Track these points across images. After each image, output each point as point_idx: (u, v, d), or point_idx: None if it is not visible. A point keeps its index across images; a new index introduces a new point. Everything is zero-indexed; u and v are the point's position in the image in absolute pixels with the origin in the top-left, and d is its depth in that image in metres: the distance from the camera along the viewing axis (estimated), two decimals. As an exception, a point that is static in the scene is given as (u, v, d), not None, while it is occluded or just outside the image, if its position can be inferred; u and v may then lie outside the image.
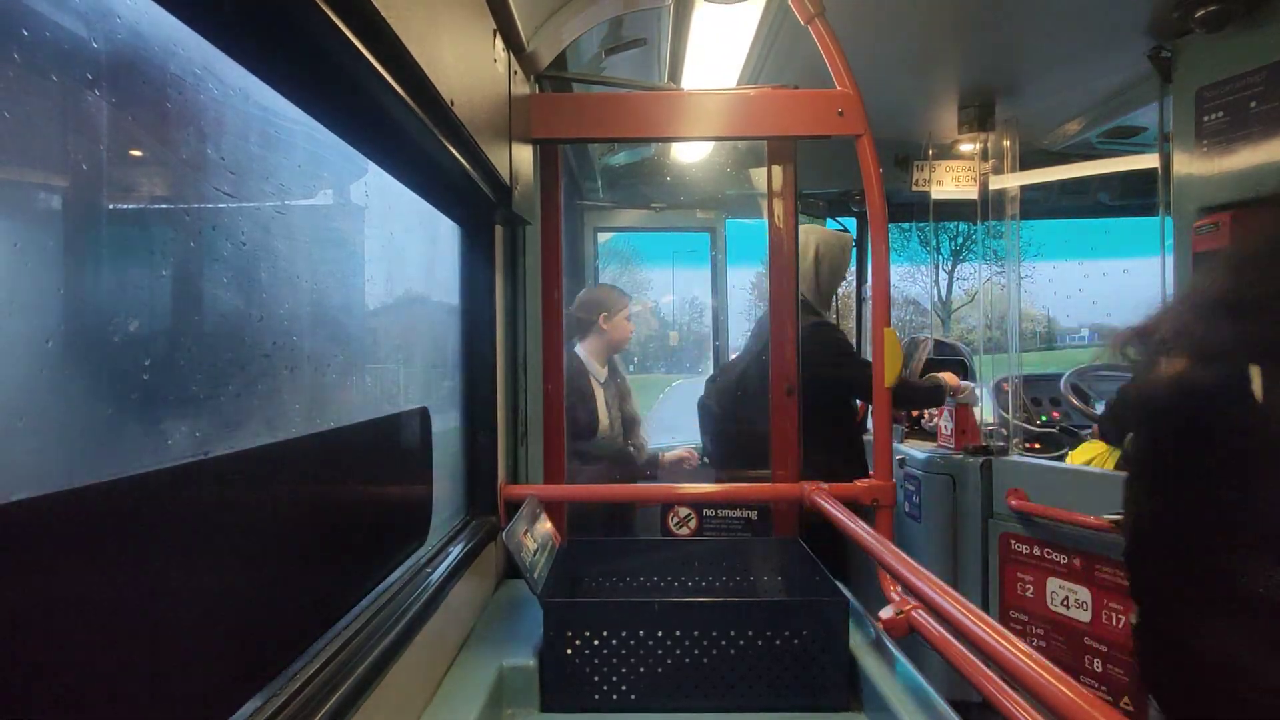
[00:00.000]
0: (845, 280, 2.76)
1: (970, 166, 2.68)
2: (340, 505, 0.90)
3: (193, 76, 0.61)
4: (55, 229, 0.48)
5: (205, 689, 0.59)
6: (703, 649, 1.08)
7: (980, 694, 0.88)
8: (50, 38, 0.46)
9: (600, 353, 2.59)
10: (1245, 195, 1.73)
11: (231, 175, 0.67)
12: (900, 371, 1.50)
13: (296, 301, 0.80)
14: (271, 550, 0.72)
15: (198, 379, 0.62)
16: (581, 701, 1.08)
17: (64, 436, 0.49)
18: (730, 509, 1.78)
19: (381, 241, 1.12)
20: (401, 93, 0.78)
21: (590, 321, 2.58)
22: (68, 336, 0.48)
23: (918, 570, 0.97)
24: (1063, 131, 2.77)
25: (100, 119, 0.51)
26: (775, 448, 1.80)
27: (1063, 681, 0.62)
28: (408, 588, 1.00)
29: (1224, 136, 1.77)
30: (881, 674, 1.06)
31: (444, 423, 1.33)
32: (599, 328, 2.56)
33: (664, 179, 3.34)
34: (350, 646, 0.79)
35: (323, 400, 0.88)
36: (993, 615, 1.32)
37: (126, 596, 0.51)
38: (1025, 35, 2.05)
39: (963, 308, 18.05)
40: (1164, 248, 1.99)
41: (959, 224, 11.48)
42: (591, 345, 2.58)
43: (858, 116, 1.49)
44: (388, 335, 1.14)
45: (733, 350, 3.74)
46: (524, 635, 1.18)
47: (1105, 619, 2.05)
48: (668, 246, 10.56)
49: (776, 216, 1.78)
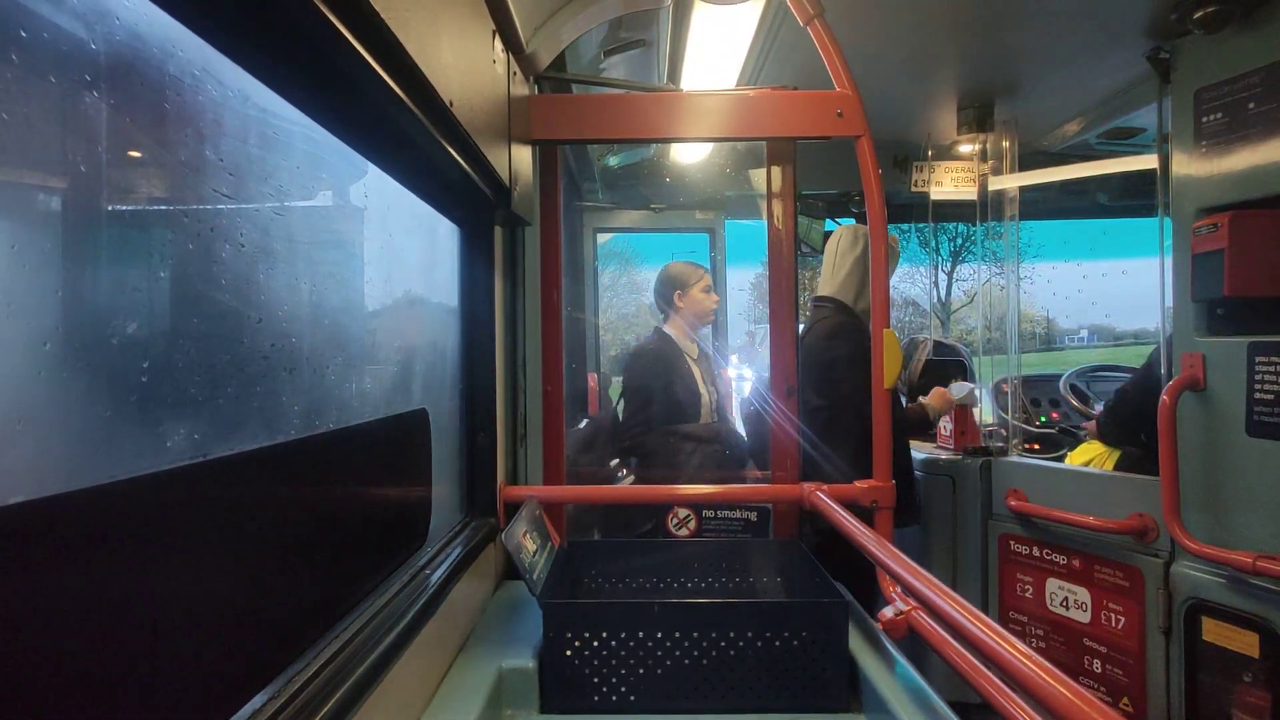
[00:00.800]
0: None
1: (969, 167, 2.68)
2: (340, 506, 0.90)
3: (191, 78, 0.61)
4: (54, 230, 0.48)
5: (207, 688, 0.59)
6: (702, 650, 1.08)
7: (980, 695, 0.88)
8: (49, 39, 0.46)
9: (685, 330, 2.55)
10: (1244, 196, 1.73)
11: (230, 177, 0.67)
12: (899, 373, 1.50)
13: (295, 303, 0.80)
14: (271, 551, 0.72)
15: (196, 381, 0.62)
16: (581, 703, 1.08)
17: (63, 439, 0.48)
18: (730, 510, 1.78)
19: (380, 243, 1.12)
20: (401, 94, 0.78)
21: (668, 300, 2.54)
22: (66, 339, 0.48)
23: (917, 571, 0.97)
24: (1062, 132, 2.78)
25: (99, 120, 0.51)
26: (775, 448, 1.80)
27: (1062, 683, 0.62)
28: (407, 589, 1.00)
29: (1223, 137, 1.77)
30: (881, 675, 1.06)
31: (443, 424, 1.33)
32: (675, 305, 2.53)
33: (663, 180, 3.34)
34: (350, 647, 0.78)
35: (322, 402, 0.88)
36: (992, 616, 1.32)
37: (128, 597, 0.50)
38: (1024, 36, 2.06)
39: (962, 309, 18.05)
40: (1163, 249, 1.99)
41: (958, 225, 11.48)
42: (675, 324, 2.54)
43: (857, 117, 1.49)
44: (387, 336, 1.14)
45: (733, 351, 3.74)
46: (523, 636, 1.18)
47: (1105, 620, 2.05)
48: (667, 247, 10.55)
49: (776, 217, 1.78)
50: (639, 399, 2.45)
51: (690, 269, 2.58)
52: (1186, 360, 1.76)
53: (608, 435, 2.61)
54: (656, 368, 2.45)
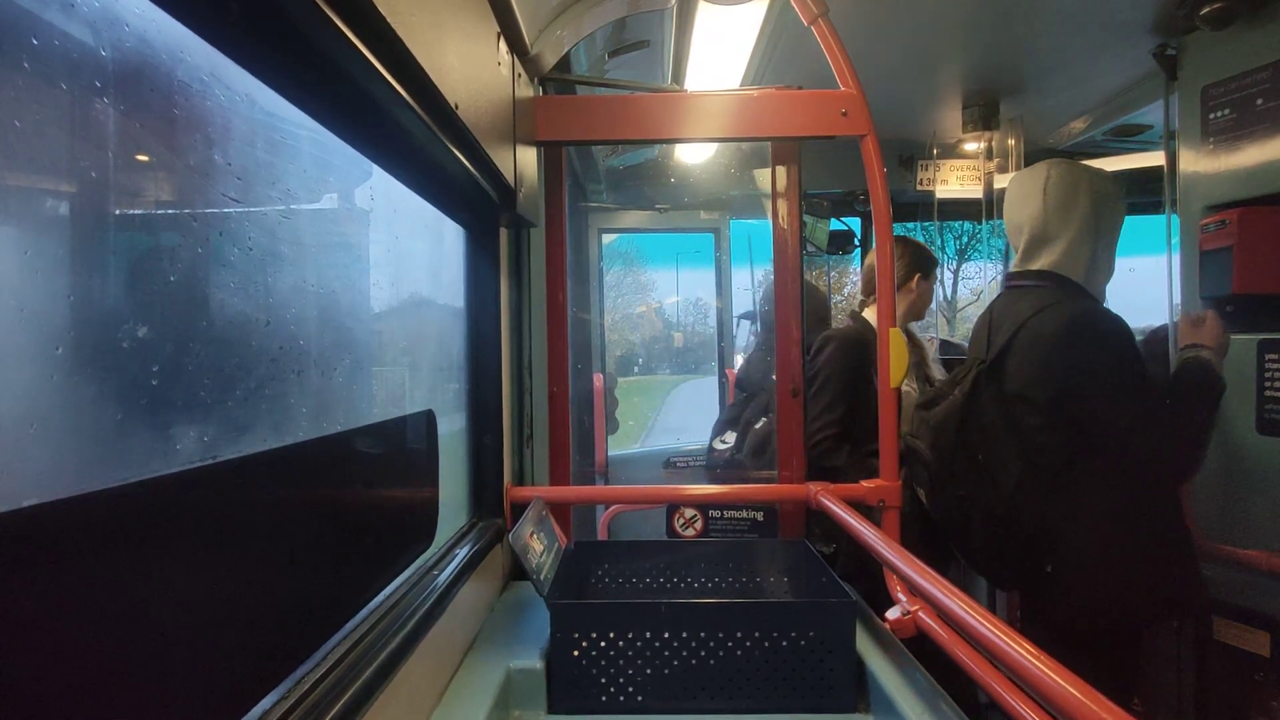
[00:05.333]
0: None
1: (975, 166, 2.67)
2: (347, 508, 0.90)
3: (200, 83, 0.62)
4: (65, 236, 0.49)
5: (218, 689, 0.60)
6: (710, 650, 1.08)
7: (987, 695, 0.87)
8: (60, 46, 0.47)
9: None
10: (1253, 193, 1.72)
11: (238, 181, 0.68)
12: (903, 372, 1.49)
13: (303, 305, 0.81)
14: (279, 553, 0.72)
15: (206, 384, 0.62)
16: (589, 703, 1.08)
17: (75, 442, 0.49)
18: (736, 510, 1.78)
19: (387, 245, 1.12)
20: (407, 97, 0.78)
21: (870, 285, 2.28)
22: (77, 343, 0.48)
23: (924, 571, 0.97)
24: (1068, 130, 2.77)
25: (109, 126, 0.52)
26: (781, 448, 1.79)
27: (1071, 682, 0.62)
28: (414, 590, 1.00)
29: (1230, 134, 1.76)
30: (889, 675, 1.06)
31: (450, 425, 1.33)
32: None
33: (668, 180, 3.34)
34: (359, 649, 0.79)
35: (330, 403, 0.88)
36: (1000, 616, 1.30)
37: (140, 599, 0.51)
38: (1029, 34, 2.05)
39: (968, 307, 17.97)
40: (1170, 246, 1.98)
41: (964, 223, 11.45)
42: (874, 312, 2.20)
43: (861, 117, 1.49)
44: (393, 338, 1.14)
45: (736, 351, 3.74)
46: (531, 637, 1.19)
47: (1114, 619, 2.03)
48: (672, 248, 10.55)
49: (781, 217, 1.78)
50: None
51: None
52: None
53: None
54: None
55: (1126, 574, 1.54)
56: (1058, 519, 1.57)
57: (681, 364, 10.72)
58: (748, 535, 1.77)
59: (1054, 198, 1.67)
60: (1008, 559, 1.68)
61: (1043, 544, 1.59)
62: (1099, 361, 1.56)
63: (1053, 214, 1.67)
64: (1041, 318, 1.62)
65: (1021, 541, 1.62)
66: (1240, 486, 1.73)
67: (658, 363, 10.73)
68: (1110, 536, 1.55)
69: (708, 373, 5.02)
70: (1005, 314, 1.72)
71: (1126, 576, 1.54)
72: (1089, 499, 1.56)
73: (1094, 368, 1.56)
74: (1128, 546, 1.54)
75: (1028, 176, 1.74)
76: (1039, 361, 1.61)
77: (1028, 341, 1.63)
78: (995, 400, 1.68)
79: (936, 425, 1.77)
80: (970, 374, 1.74)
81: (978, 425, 1.70)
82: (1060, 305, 1.62)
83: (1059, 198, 1.67)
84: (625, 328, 9.50)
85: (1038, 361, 1.61)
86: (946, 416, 1.74)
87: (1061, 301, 1.63)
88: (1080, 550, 1.56)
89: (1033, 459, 1.61)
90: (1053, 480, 1.59)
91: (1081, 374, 1.56)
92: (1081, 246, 1.66)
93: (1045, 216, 1.68)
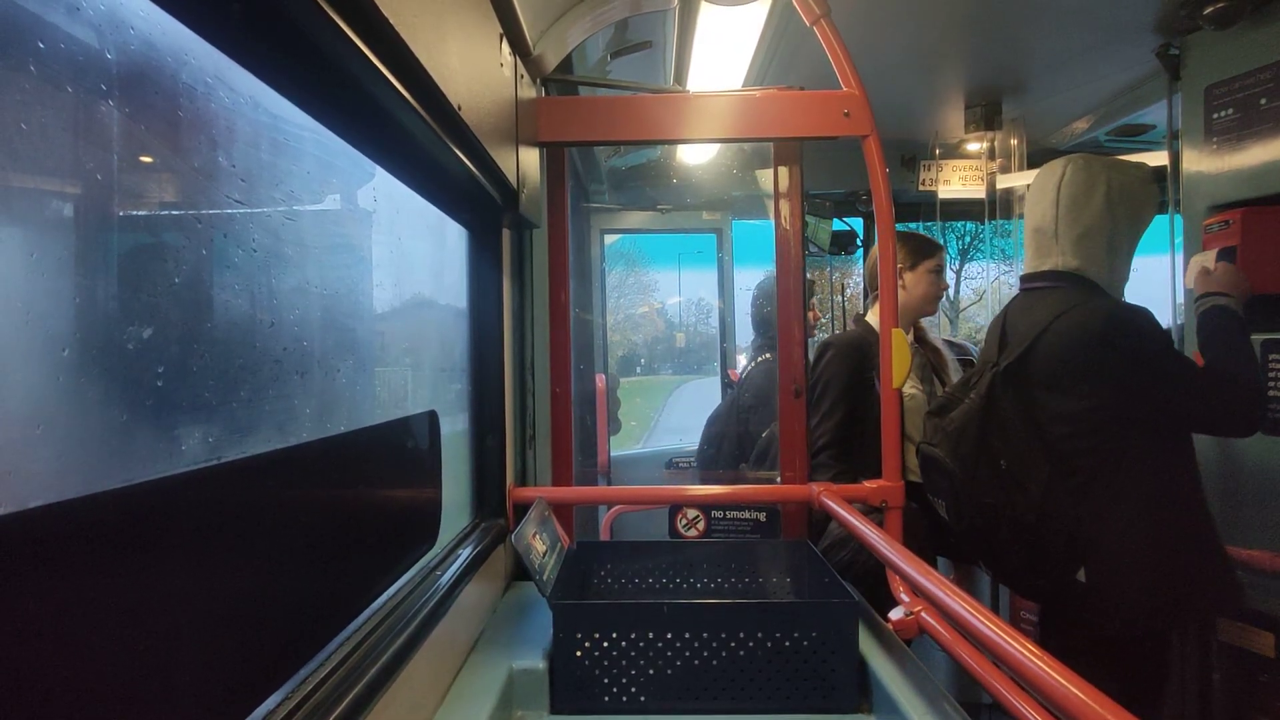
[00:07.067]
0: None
1: (977, 166, 2.67)
2: (350, 508, 0.91)
3: (204, 85, 0.62)
4: (70, 238, 0.49)
5: (221, 690, 0.60)
6: (712, 651, 1.08)
7: (991, 695, 0.87)
8: (65, 49, 0.47)
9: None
10: (1256, 193, 1.72)
11: (242, 182, 0.68)
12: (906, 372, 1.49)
13: (307, 307, 0.81)
14: (282, 553, 0.72)
15: (211, 385, 0.62)
16: (591, 703, 1.08)
17: (80, 443, 0.49)
18: (739, 510, 1.78)
19: (390, 246, 1.12)
20: (409, 99, 0.79)
21: (873, 283, 2.18)
22: (83, 344, 0.49)
23: (927, 571, 0.97)
24: (1070, 130, 2.76)
25: (114, 128, 0.52)
26: (783, 449, 1.79)
27: (1074, 682, 0.62)
28: (417, 590, 1.00)
29: (1234, 133, 1.76)
30: (892, 676, 1.06)
31: (453, 425, 1.33)
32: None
33: (670, 181, 3.35)
34: (361, 649, 0.79)
35: (333, 404, 0.88)
36: (1003, 616, 1.29)
37: (144, 599, 0.51)
38: (1032, 34, 2.05)
39: (970, 307, 17.95)
40: (1173, 245, 1.98)
41: (966, 223, 11.44)
42: (876, 315, 2.10)
43: (864, 117, 1.49)
44: (397, 339, 1.15)
45: (739, 351, 3.74)
46: (533, 637, 1.19)
47: (1117, 620, 2.03)
48: (674, 248, 10.55)
49: (783, 218, 1.78)
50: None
51: (920, 244, 2.18)
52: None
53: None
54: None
55: (1165, 574, 1.50)
56: (1090, 522, 1.54)
57: (683, 364, 10.73)
58: (750, 536, 1.77)
59: (1067, 195, 1.64)
60: (1043, 568, 1.62)
61: (1077, 550, 1.55)
62: (1149, 352, 1.53)
63: (1064, 212, 1.64)
64: (1070, 318, 1.57)
65: (1057, 549, 1.58)
66: (1243, 487, 1.72)
67: (660, 363, 10.73)
68: (1145, 536, 1.51)
69: (709, 373, 5.03)
70: (1021, 316, 1.69)
71: (1166, 576, 1.50)
72: (1121, 501, 1.53)
73: (1147, 358, 1.52)
74: (1164, 546, 1.51)
75: (1044, 174, 1.71)
76: (1079, 363, 1.56)
77: (1059, 344, 1.58)
78: (1017, 404, 1.62)
79: (955, 432, 1.68)
80: (984, 378, 1.68)
81: (999, 430, 1.64)
82: (1088, 305, 1.58)
83: (1072, 195, 1.64)
84: (627, 328, 9.50)
85: (1078, 363, 1.56)
86: (966, 422, 1.66)
87: (1088, 300, 1.59)
88: (1115, 553, 1.53)
89: (1061, 462, 1.56)
90: (1083, 484, 1.55)
91: (1138, 365, 1.52)
92: (1096, 246, 1.62)
93: (1057, 215, 1.65)
